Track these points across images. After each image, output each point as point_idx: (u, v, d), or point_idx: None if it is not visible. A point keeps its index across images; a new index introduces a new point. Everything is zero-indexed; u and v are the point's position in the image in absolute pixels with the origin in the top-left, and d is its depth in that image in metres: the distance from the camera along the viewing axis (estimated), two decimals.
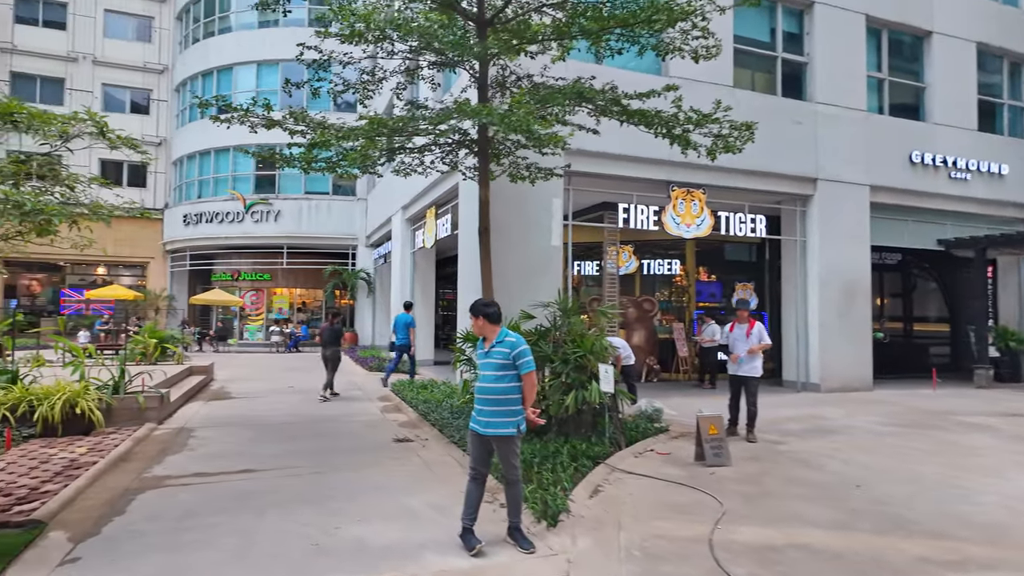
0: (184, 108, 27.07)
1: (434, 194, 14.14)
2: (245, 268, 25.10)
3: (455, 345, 8.38)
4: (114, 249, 27.97)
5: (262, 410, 9.32)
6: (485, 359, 4.07)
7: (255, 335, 24.89)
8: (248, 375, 14.24)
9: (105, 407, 7.60)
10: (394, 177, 18.65)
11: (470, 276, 10.87)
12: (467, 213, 11.10)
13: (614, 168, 11.29)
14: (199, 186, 25.79)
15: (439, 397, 9.54)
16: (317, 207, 24.23)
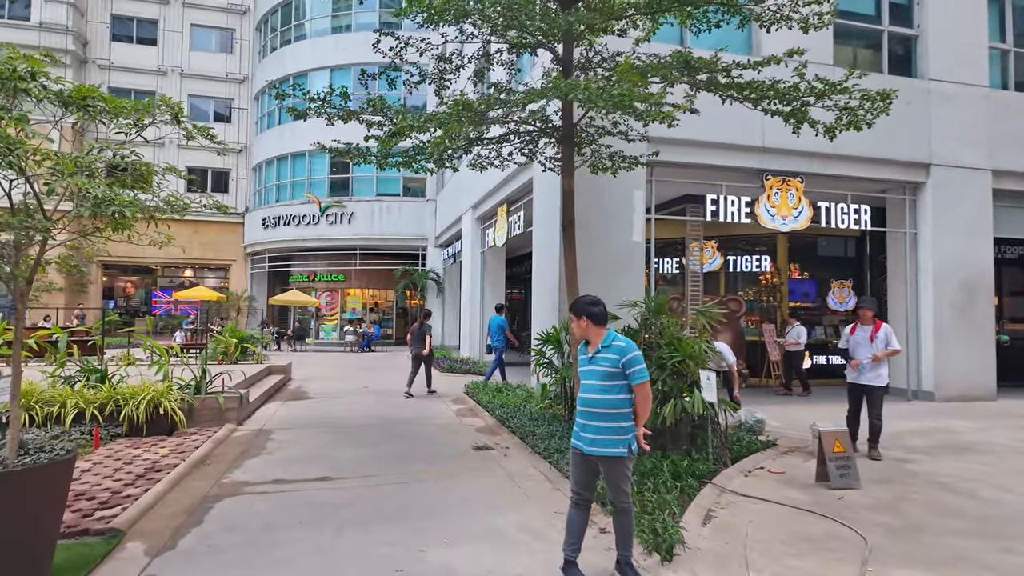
0: (263, 115, 28.01)
1: (505, 191, 13.74)
2: (320, 269, 25.66)
3: (533, 347, 7.88)
4: (199, 252, 29.41)
5: (339, 411, 9.17)
6: (589, 366, 3.53)
7: (330, 335, 25.40)
8: (324, 374, 14.32)
9: (187, 407, 7.59)
10: (464, 176, 18.50)
11: (546, 274, 10.36)
12: (543, 208, 10.61)
13: (701, 156, 10.48)
14: (277, 190, 26.59)
15: (515, 401, 9.08)
16: (388, 209, 24.44)
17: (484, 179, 15.35)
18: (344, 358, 19.42)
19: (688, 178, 10.74)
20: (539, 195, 10.87)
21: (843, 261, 14.98)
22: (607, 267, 9.90)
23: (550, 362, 7.71)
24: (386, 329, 25.86)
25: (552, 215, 10.12)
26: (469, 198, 17.22)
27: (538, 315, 10.77)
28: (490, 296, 16.89)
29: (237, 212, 29.61)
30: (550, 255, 10.22)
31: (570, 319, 3.57)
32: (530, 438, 6.65)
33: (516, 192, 13.02)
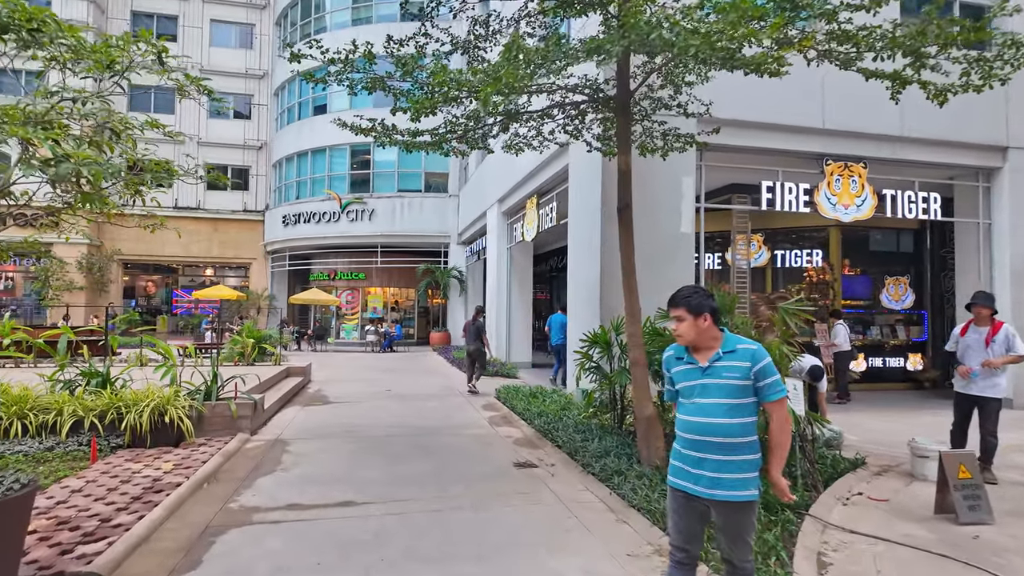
0: (282, 111, 27.52)
1: (536, 182, 12.89)
2: (341, 267, 25.08)
3: (577, 349, 7.03)
4: (219, 251, 29.06)
5: (361, 418, 8.41)
6: (703, 379, 2.60)
7: (351, 334, 24.80)
8: (345, 376, 13.62)
9: (196, 415, 6.88)
10: (489, 168, 17.70)
11: (584, 269, 9.50)
12: (581, 196, 9.74)
13: (755, 139, 9.54)
14: (297, 187, 26.06)
15: (553, 409, 8.24)
16: (410, 205, 23.75)
17: (511, 170, 14.54)
18: (365, 359, 18.75)
19: (740, 163, 9.80)
20: (576, 182, 10.00)
21: (898, 256, 13.88)
22: (652, 261, 9.01)
23: (598, 366, 6.85)
24: (408, 328, 25.18)
25: (591, 203, 9.26)
26: (495, 191, 16.42)
27: (575, 314, 9.91)
28: (517, 294, 16.07)
29: (257, 210, 29.20)
30: (588, 248, 9.36)
31: (675, 317, 2.68)
32: (580, 455, 5.80)
33: (548, 182, 12.17)
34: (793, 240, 13.36)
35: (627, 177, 5.70)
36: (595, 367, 6.81)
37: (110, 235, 27.58)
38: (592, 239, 9.18)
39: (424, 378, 13.26)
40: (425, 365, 16.47)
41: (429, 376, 13.66)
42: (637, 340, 5.49)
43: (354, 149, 24.49)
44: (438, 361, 17.49)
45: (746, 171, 10.17)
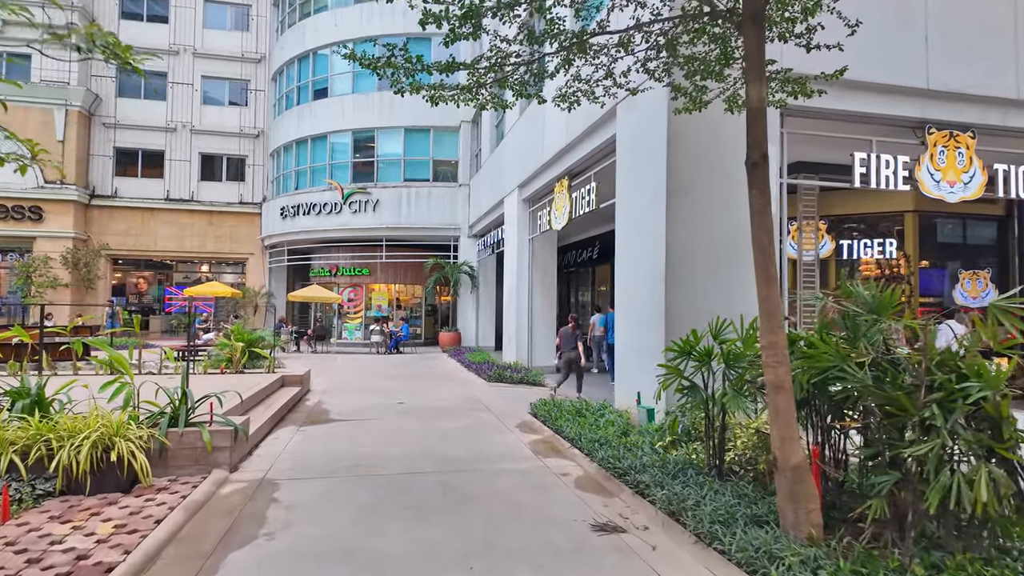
0: (280, 96, 25.83)
1: (567, 160, 11.22)
2: (343, 263, 23.42)
3: (665, 364, 5.37)
4: (214, 246, 27.41)
5: (371, 444, 6.76)
6: None
7: (354, 334, 23.14)
8: (349, 383, 11.97)
9: (158, 448, 5.24)
10: (508, 151, 15.98)
11: (643, 260, 7.82)
12: (638, 169, 8.02)
13: (845, 101, 7.86)
14: (296, 177, 24.40)
15: (610, 434, 6.57)
16: (417, 195, 22.08)
17: (535, 150, 12.87)
18: (370, 361, 17.10)
19: (825, 131, 8.13)
20: (630, 153, 8.30)
21: (975, 248, 12.22)
22: (721, 249, 7.37)
23: (692, 385, 5.19)
24: (414, 328, 23.53)
25: (651, 178, 7.59)
26: (515, 176, 14.75)
27: (627, 317, 8.25)
28: (539, 291, 14.41)
29: (254, 202, 27.54)
30: (647, 235, 7.69)
31: None
32: (689, 516, 4.10)
33: (586, 159, 10.48)
34: (862, 228, 11.69)
35: (760, 117, 4.00)
36: (691, 386, 5.14)
37: (98, 228, 25.94)
38: (653, 223, 7.52)
39: (440, 386, 11.61)
40: (438, 370, 14.82)
41: (445, 384, 12.01)
42: (780, 353, 3.83)
43: (357, 136, 22.82)
44: (451, 365, 15.83)
45: (823, 144, 8.51)
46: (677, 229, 7.25)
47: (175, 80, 27.21)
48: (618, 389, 8.44)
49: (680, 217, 7.27)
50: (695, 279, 7.29)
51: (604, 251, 18.81)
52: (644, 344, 7.60)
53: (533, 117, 13.24)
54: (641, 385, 7.57)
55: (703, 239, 7.34)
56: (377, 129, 22.46)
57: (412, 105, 22.55)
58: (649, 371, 7.44)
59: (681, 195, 7.29)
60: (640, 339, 7.73)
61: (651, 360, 7.41)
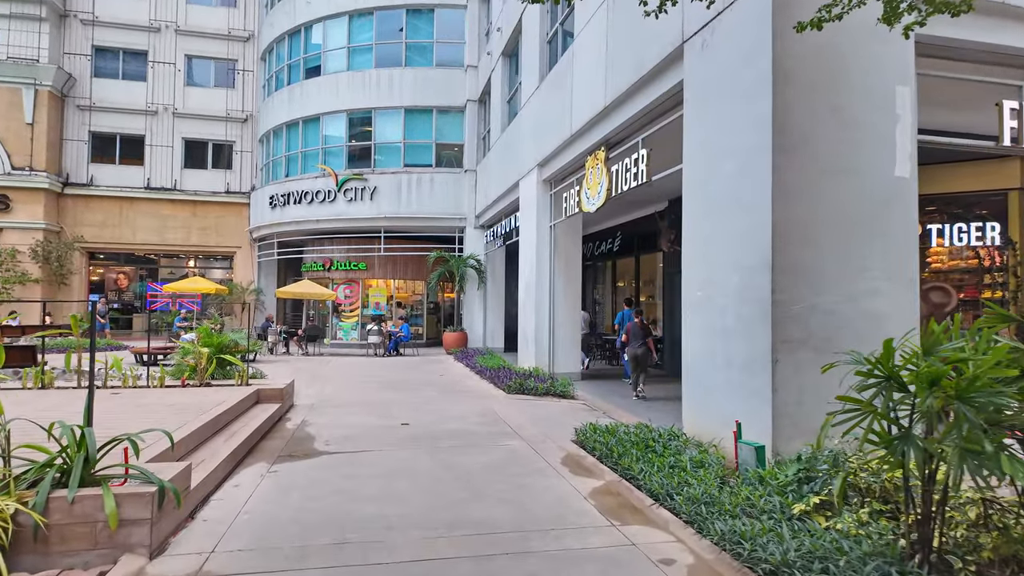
0: (270, 76, 23.82)
1: (606, 127, 9.27)
2: (338, 256, 21.45)
3: (857, 394, 3.43)
4: (199, 238, 25.36)
5: (367, 499, 4.82)
6: None
7: (349, 334, 21.18)
8: (342, 395, 10.03)
9: (31, 526, 3.31)
10: (524, 128, 13.97)
11: (723, 240, 5.88)
12: (716, 123, 6.04)
13: (989, 32, 5.95)
14: (286, 163, 22.41)
15: (707, 486, 4.65)
16: (418, 182, 20.12)
17: (559, 122, 10.93)
18: (367, 365, 15.15)
19: (963, 73, 6.21)
20: (707, 104, 6.31)
21: None
22: (848, 222, 5.47)
23: (905, 433, 3.21)
24: (415, 327, 21.58)
25: (741, 134, 5.66)
26: (533, 154, 12.80)
27: (700, 313, 6.31)
28: (562, 285, 12.48)
29: (242, 192, 25.54)
30: (738, 205, 5.76)
31: None
32: None
33: (631, 122, 8.52)
34: (954, 211, 9.78)
35: None
36: (901, 435, 3.17)
37: (72, 219, 23.92)
38: (749, 192, 5.58)
39: (450, 400, 9.68)
40: (445, 377, 12.87)
41: (456, 397, 10.08)
42: None
43: (352, 117, 20.84)
44: (460, 371, 13.89)
45: (951, 97, 6.62)
46: (788, 199, 5.32)
47: (156, 59, 25.17)
48: (689, 411, 6.51)
49: (792, 184, 5.34)
50: (816, 266, 5.37)
51: (627, 242, 16.89)
52: (736, 353, 5.67)
53: (559, 81, 11.30)
54: (733, 409, 5.65)
55: (824, 212, 5.41)
56: (375, 109, 20.48)
57: (413, 82, 20.63)
58: (746, 390, 5.52)
59: (791, 153, 5.36)
60: (728, 347, 5.80)
61: (749, 376, 5.49)
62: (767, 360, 5.27)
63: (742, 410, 5.58)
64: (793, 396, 5.28)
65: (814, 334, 5.35)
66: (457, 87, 20.29)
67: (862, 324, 5.44)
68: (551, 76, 11.84)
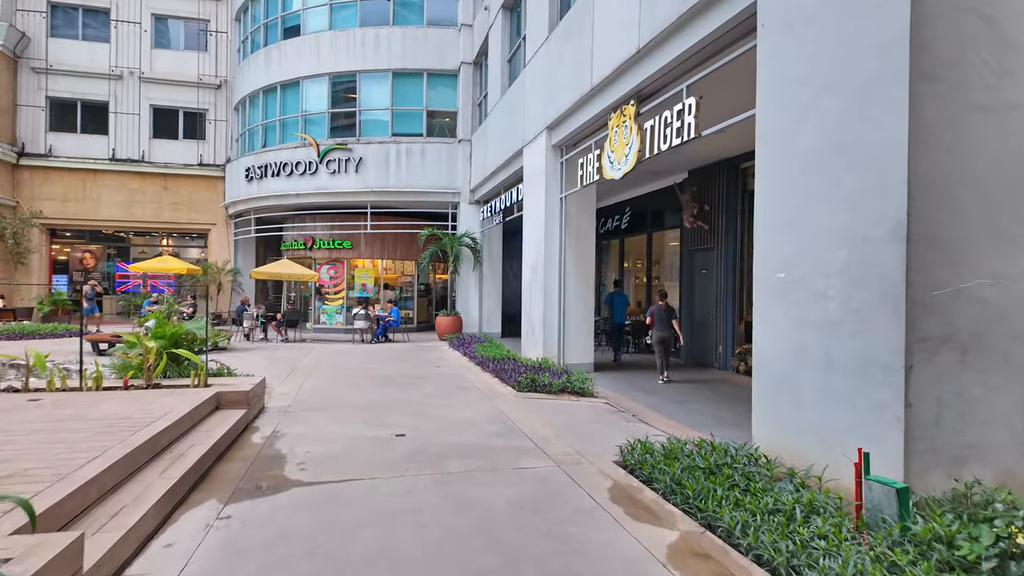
0: (245, 38, 21.86)
1: (638, 74, 7.75)
2: (320, 234, 19.79)
3: None
4: (171, 214, 23.45)
5: (361, 561, 3.39)
6: None
7: (333, 318, 19.62)
8: (324, 393, 8.56)
9: None
10: (530, 87, 12.29)
11: (820, 203, 4.44)
12: (814, 50, 4.56)
13: None
14: (263, 133, 20.59)
15: (826, 537, 3.29)
16: (408, 153, 18.45)
17: (575, 75, 9.35)
18: (354, 354, 13.67)
19: None
20: (798, 28, 4.82)
21: None
22: (1003, 176, 4.08)
23: None
24: (406, 311, 20.07)
25: (853, 60, 4.18)
26: (541, 116, 11.24)
27: (783, 299, 4.89)
28: (574, 265, 11.03)
29: (216, 164, 23.66)
30: (848, 156, 4.31)
31: None
32: None
33: (672, 66, 6.97)
34: None
35: None
36: None
37: (29, 193, 21.95)
38: (867, 137, 4.12)
39: (452, 400, 8.25)
40: (443, 369, 11.43)
41: (458, 394, 8.65)
42: None
43: (335, 81, 19.04)
44: (457, 361, 12.45)
45: None
46: (931, 145, 3.89)
47: (119, 18, 23.04)
48: (763, 423, 5.12)
49: (935, 124, 3.89)
50: (959, 236, 3.97)
51: (638, 218, 15.45)
52: (843, 353, 4.27)
53: (574, 28, 9.72)
54: (836, 425, 4.27)
55: (972, 163, 3.99)
56: (360, 73, 18.69)
57: (401, 43, 18.83)
58: (859, 403, 4.12)
59: (935, 81, 3.92)
60: (829, 343, 4.39)
61: (864, 383, 4.09)
62: (896, 364, 3.88)
63: (849, 428, 4.20)
64: (930, 412, 3.91)
65: (959, 329, 3.97)
66: (450, 48, 18.56)
67: (1022, 315, 4.07)
68: (564, 24, 10.25)
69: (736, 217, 11.16)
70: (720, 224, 11.42)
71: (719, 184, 11.50)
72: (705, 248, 12.10)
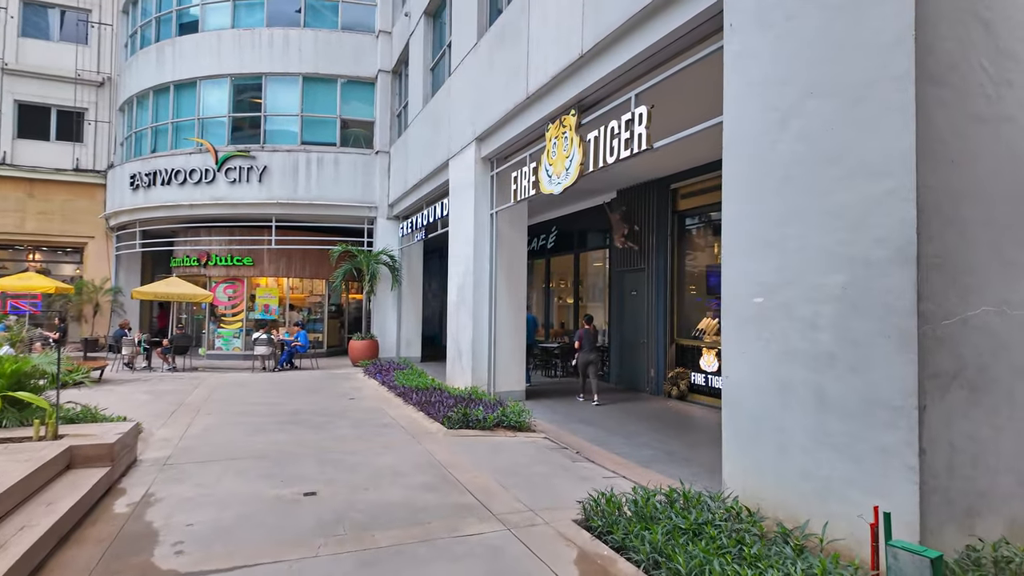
0: (134, 31, 19.70)
1: (581, 82, 7.17)
2: (217, 249, 17.87)
3: None
4: (37, 225, 20.44)
5: None
6: None
7: (230, 343, 17.69)
8: (214, 439, 7.19)
9: None
10: (456, 96, 11.26)
11: (804, 220, 3.94)
12: (772, 54, 4.04)
13: None
14: (154, 136, 18.48)
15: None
16: (320, 163, 17.10)
17: (509, 83, 8.64)
18: (254, 385, 12.12)
19: None
20: (775, 16, 4.34)
21: None
22: (1005, 193, 3.75)
23: None
24: (314, 334, 18.48)
25: (850, 61, 3.73)
26: (469, 126, 10.49)
27: (764, 328, 4.33)
28: (505, 285, 10.28)
29: (96, 170, 21.01)
30: (841, 167, 3.83)
31: None
32: None
33: (619, 73, 6.42)
34: None
35: None
36: None
37: None
38: (875, 141, 3.65)
39: (374, 442, 7.16)
40: (359, 401, 10.23)
41: (380, 435, 7.56)
42: None
43: (239, 83, 17.42)
44: (375, 391, 11.28)
45: None
46: (939, 156, 3.46)
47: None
48: (736, 466, 4.50)
49: (943, 133, 3.48)
50: (963, 259, 3.55)
51: (564, 238, 15.02)
52: (838, 390, 3.72)
53: (508, 32, 9.07)
54: (832, 474, 3.70)
55: (975, 177, 3.61)
56: (267, 75, 17.21)
57: (314, 46, 17.52)
58: (861, 448, 3.58)
59: (941, 86, 3.50)
60: (821, 379, 3.85)
61: (865, 426, 3.57)
62: (906, 404, 3.37)
63: (849, 477, 3.65)
64: (943, 459, 3.42)
65: (967, 363, 3.53)
66: (367, 55, 17.50)
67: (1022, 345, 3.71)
68: (496, 29, 9.60)
69: (667, 238, 10.90)
70: (651, 245, 11.13)
71: (650, 204, 11.22)
72: (635, 269, 11.75)
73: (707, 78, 5.24)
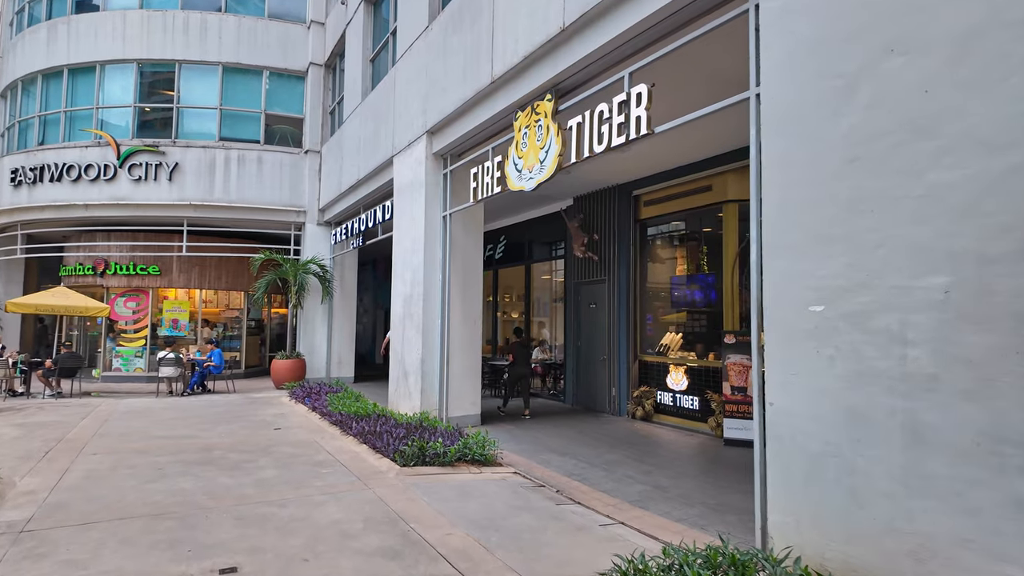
0: (22, 8, 17.26)
1: (560, 62, 6.25)
2: (117, 256, 15.67)
3: None
4: None
5: None
6: None
7: (131, 364, 15.47)
8: (98, 490, 5.61)
9: None
10: (402, 87, 9.86)
11: (883, 204, 3.12)
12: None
13: None
14: (42, 126, 16.11)
15: None
16: (241, 161, 15.38)
17: (468, 69, 7.57)
18: (157, 414, 10.30)
19: None
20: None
21: None
22: None
23: None
24: (231, 352, 16.53)
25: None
26: (421, 117, 9.36)
27: (797, 341, 3.49)
28: (460, 297, 9.18)
29: None
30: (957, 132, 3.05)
31: None
32: None
33: (608, 51, 5.54)
34: None
35: None
36: None
37: None
38: (986, 97, 2.88)
39: (311, 488, 5.81)
40: (287, 432, 8.73)
41: (317, 477, 6.21)
42: None
43: (147, 69, 15.48)
44: (304, 418, 9.78)
45: None
46: None
47: None
48: (787, 511, 3.60)
49: None
50: None
51: (515, 248, 14.06)
52: (943, 423, 2.88)
53: (467, 12, 8.06)
54: (949, 532, 2.84)
55: None
56: (181, 63, 15.38)
57: (236, 33, 15.83)
58: (992, 498, 2.73)
59: None
60: (914, 407, 3.00)
61: (993, 472, 2.71)
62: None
63: (960, 535, 2.82)
64: None
65: None
66: (297, 46, 16.02)
67: None
68: (452, 8, 8.57)
69: (628, 247, 10.19)
70: (611, 255, 10.37)
71: (610, 212, 10.48)
72: (595, 281, 10.94)
73: (705, 55, 4.42)
